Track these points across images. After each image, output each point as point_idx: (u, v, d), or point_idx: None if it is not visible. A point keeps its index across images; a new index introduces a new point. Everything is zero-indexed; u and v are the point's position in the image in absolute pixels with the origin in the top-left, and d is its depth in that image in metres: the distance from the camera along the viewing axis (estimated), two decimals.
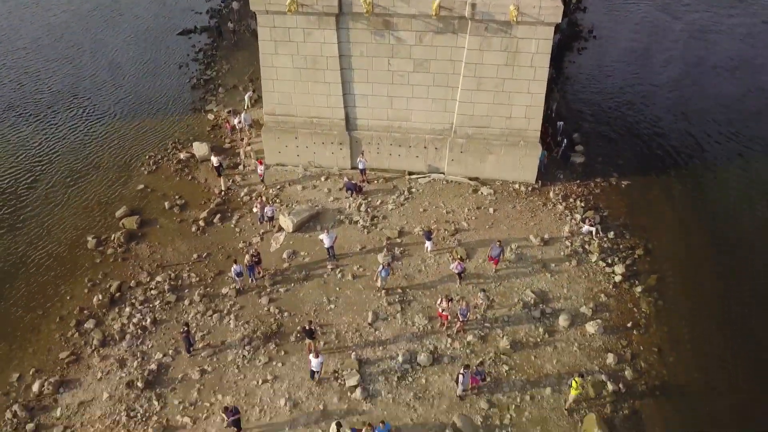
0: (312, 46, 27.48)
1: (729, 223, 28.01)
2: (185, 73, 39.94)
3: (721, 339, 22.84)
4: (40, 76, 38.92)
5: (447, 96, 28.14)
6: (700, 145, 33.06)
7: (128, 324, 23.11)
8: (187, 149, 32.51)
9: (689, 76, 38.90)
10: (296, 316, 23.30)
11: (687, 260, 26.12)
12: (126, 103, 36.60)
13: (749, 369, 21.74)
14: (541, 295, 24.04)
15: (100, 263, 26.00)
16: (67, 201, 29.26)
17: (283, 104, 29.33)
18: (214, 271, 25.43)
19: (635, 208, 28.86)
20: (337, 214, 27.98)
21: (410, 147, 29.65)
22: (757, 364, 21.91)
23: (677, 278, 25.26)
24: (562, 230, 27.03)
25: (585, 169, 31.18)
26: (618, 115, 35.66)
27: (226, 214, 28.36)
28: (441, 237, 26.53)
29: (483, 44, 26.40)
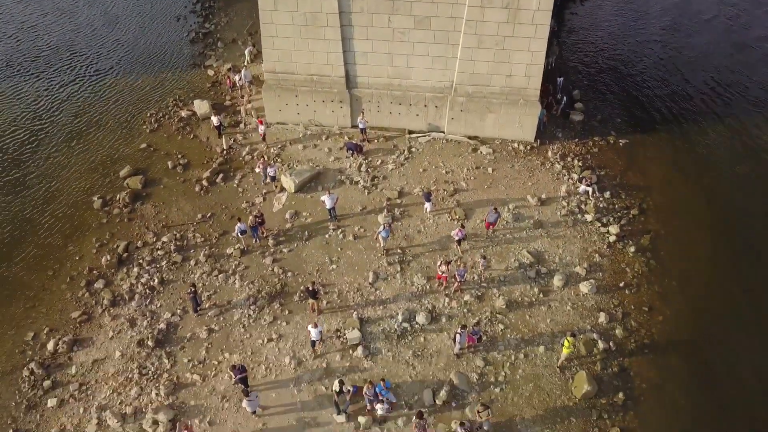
0: (312, 3, 27.17)
1: (723, 182, 28.31)
2: (183, 26, 39.47)
3: (711, 297, 23.54)
4: (37, 32, 38.42)
5: (447, 54, 28.01)
6: (697, 101, 33.05)
7: (136, 284, 23.87)
8: (188, 107, 32.57)
9: (686, 31, 38.33)
10: (299, 276, 24.03)
11: (680, 220, 26.61)
12: (125, 58, 36.34)
13: (737, 326, 22.55)
14: (536, 255, 24.69)
15: (107, 223, 26.57)
16: (71, 161, 29.55)
17: (284, 62, 29.22)
18: (219, 231, 26.02)
19: (632, 168, 29.17)
20: (338, 175, 28.33)
21: (410, 105, 29.71)
22: (744, 321, 22.70)
23: (670, 238, 25.82)
24: (560, 190, 27.46)
25: (583, 127, 31.32)
26: (617, 70, 35.48)
27: (229, 174, 28.73)
28: (440, 198, 26.98)
29: (484, 1, 26.09)
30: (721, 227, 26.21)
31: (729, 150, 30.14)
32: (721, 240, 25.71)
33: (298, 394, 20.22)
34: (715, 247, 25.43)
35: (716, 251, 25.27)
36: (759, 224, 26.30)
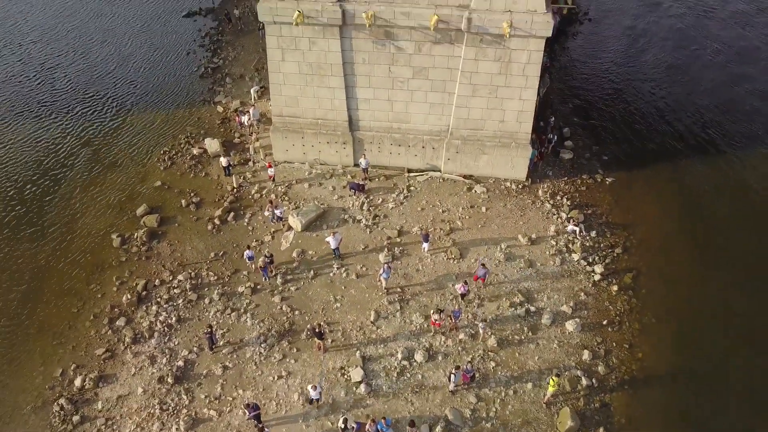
0: (317, 54, 29.05)
1: (705, 220, 30.09)
2: (193, 60, 41.34)
3: (690, 334, 25.38)
4: (55, 73, 40.08)
5: (444, 101, 29.89)
6: (684, 140, 34.81)
7: (155, 322, 25.76)
8: (199, 144, 34.45)
9: (681, 66, 40.21)
10: (306, 314, 25.92)
11: (662, 257, 28.47)
12: (138, 96, 38.19)
13: (715, 362, 24.36)
14: (526, 294, 26.58)
15: (126, 261, 28.45)
16: (90, 200, 31.38)
17: (290, 106, 31.10)
18: (231, 269, 27.89)
19: (617, 206, 31.03)
20: (341, 213, 30.22)
21: (409, 146, 31.58)
22: (722, 358, 24.52)
23: (651, 276, 27.69)
24: (549, 229, 29.33)
25: (573, 165, 33.17)
26: (607, 106, 37.33)
27: (239, 212, 30.60)
28: (437, 237, 28.85)
29: (478, 54, 27.97)
30: (702, 265, 28.05)
31: (712, 188, 31.86)
32: (701, 278, 27.54)
33: (307, 429, 22.11)
34: (695, 285, 27.26)
35: (696, 289, 27.11)
36: (739, 263, 28.05)
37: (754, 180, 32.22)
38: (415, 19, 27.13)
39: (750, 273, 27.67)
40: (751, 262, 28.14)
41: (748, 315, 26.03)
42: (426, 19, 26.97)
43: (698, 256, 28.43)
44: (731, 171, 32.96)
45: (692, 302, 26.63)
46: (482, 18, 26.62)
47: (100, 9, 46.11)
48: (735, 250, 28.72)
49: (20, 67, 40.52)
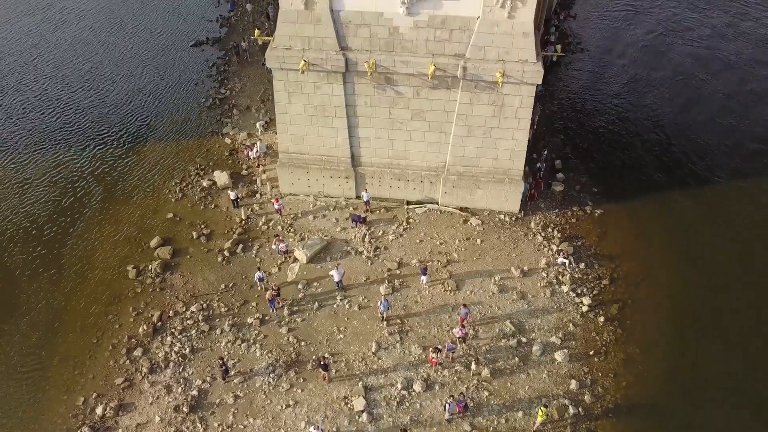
0: (321, 97, 30.83)
1: (690, 251, 31.81)
2: (201, 91, 43.01)
3: (672, 364, 27.16)
4: (70, 109, 41.41)
5: (441, 140, 31.66)
6: (671, 172, 36.41)
7: (170, 352, 27.51)
8: (209, 176, 36.16)
9: (673, 98, 41.67)
10: (311, 345, 27.67)
11: (647, 288, 30.24)
12: (150, 128, 39.79)
13: (697, 391, 26.12)
14: (518, 325, 28.33)
15: (141, 293, 30.20)
16: (106, 234, 32.95)
17: (296, 144, 32.87)
18: (240, 301, 29.65)
19: (605, 237, 32.77)
20: (344, 245, 31.97)
21: (408, 181, 33.33)
22: (704, 387, 26.26)
23: (636, 307, 29.46)
24: (540, 262, 31.08)
25: (564, 197, 34.86)
26: (598, 137, 39.00)
27: (248, 244, 32.33)
28: (435, 269, 30.59)
29: (473, 99, 29.76)
30: (685, 297, 29.79)
31: (697, 220, 33.48)
32: (684, 308, 29.31)
33: None
34: (678, 315, 29.05)
35: (679, 319, 28.90)
36: (722, 296, 29.77)
37: (738, 213, 33.86)
38: (414, 67, 28.91)
39: (732, 306, 29.42)
40: (735, 294, 29.90)
41: (729, 348, 27.79)
42: (424, 68, 28.75)
43: (681, 288, 30.18)
44: (716, 204, 34.58)
45: (675, 333, 28.40)
46: (477, 67, 28.40)
47: (112, 42, 47.54)
48: (718, 283, 30.45)
49: (37, 102, 42.02)
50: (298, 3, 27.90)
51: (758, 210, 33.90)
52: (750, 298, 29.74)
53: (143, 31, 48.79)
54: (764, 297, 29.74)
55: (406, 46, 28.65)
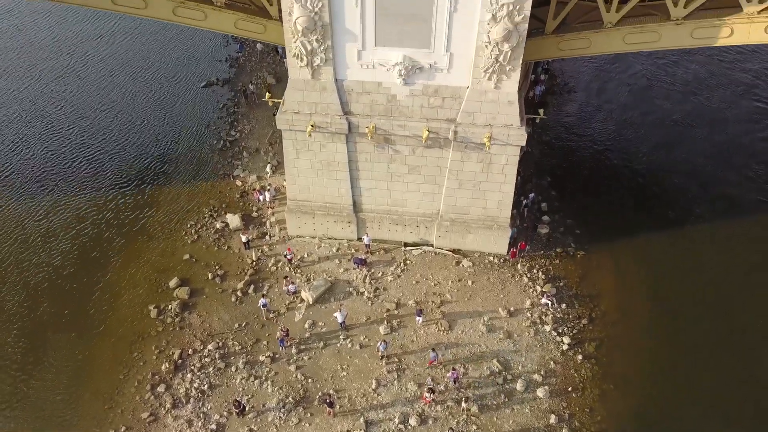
0: (326, 154, 33.90)
1: (664, 292, 34.62)
2: (213, 133, 45.96)
3: (643, 401, 30.18)
4: (94, 156, 43.88)
5: (434, 191, 34.74)
6: (651, 214, 39.00)
7: (191, 388, 30.58)
8: (221, 218, 39.20)
9: (658, 143, 44.19)
10: (317, 381, 30.75)
11: (623, 327, 33.26)
12: (166, 171, 42.54)
13: (669, 426, 29.17)
14: (504, 363, 31.40)
15: (163, 331, 33.26)
16: (129, 276, 35.77)
17: (303, 193, 35.93)
18: (252, 339, 32.72)
19: (586, 278, 35.81)
20: (347, 286, 35.04)
21: (405, 225, 36.39)
22: (671, 424, 29.28)
23: (612, 346, 32.49)
24: (525, 302, 34.12)
25: (548, 239, 37.90)
26: (583, 178, 41.80)
27: (258, 285, 35.37)
28: (429, 309, 33.67)
29: (463, 157, 32.83)
30: (658, 336, 32.74)
31: (672, 261, 36.35)
32: (656, 347, 32.26)
33: None
34: (650, 354, 32.04)
35: (652, 358, 31.89)
36: (692, 335, 32.56)
37: (711, 257, 36.41)
38: (410, 130, 32.00)
39: (703, 346, 32.24)
40: (706, 335, 32.71)
41: (699, 385, 30.74)
42: (419, 131, 31.84)
43: (654, 328, 33.19)
44: (691, 247, 37.13)
45: (647, 371, 31.44)
46: (466, 130, 31.49)
47: (123, 82, 50.04)
48: (690, 323, 33.30)
49: (56, 144, 44.87)
50: (305, 73, 30.97)
51: (729, 255, 36.43)
52: (720, 339, 32.58)
53: (157, 72, 51.57)
54: (734, 338, 32.66)
55: (403, 111, 31.74)
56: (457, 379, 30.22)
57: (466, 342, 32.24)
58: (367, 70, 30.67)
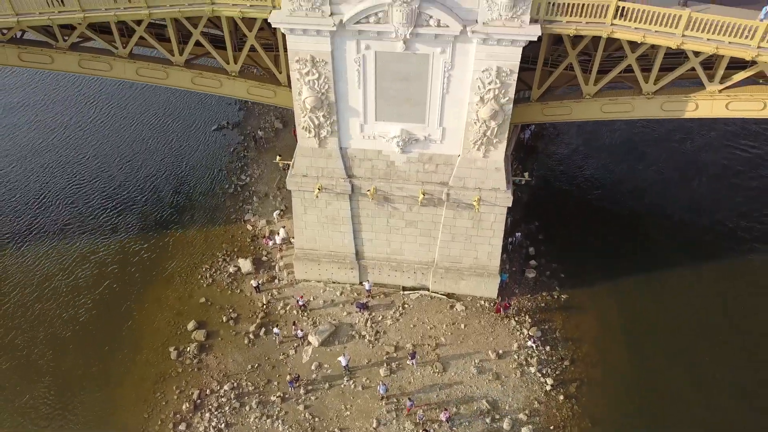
0: (331, 210, 37.23)
1: (640, 336, 37.74)
2: (224, 177, 49.27)
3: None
4: (112, 202, 46.90)
5: (430, 243, 38.07)
6: (629, 259, 42.14)
7: (209, 427, 33.88)
8: (234, 262, 42.51)
9: (636, 191, 47.16)
10: (323, 420, 34.04)
11: (601, 369, 36.47)
12: (181, 215, 45.59)
13: None
14: (492, 403, 34.68)
15: (182, 372, 36.56)
16: (149, 319, 39.12)
17: (310, 243, 39.27)
18: (264, 380, 36.01)
19: (569, 321, 39.05)
20: (349, 329, 38.33)
21: (403, 271, 39.71)
22: None
23: (591, 386, 35.71)
24: (512, 345, 37.40)
25: (535, 283, 41.19)
26: (568, 223, 44.93)
27: (269, 327, 38.61)
28: (425, 352, 36.94)
29: (455, 215, 36.15)
30: (636, 377, 35.79)
31: (649, 305, 39.49)
32: (634, 387, 35.37)
33: None
34: (628, 394, 35.15)
35: (629, 398, 35.01)
36: (667, 377, 35.60)
37: (685, 302, 39.42)
38: (407, 192, 35.34)
39: (677, 386, 35.32)
40: (679, 376, 35.77)
41: (673, 425, 33.86)
42: (415, 192, 35.19)
43: (630, 370, 36.38)
44: (666, 291, 40.11)
45: (623, 411, 34.62)
46: (458, 193, 34.83)
47: (146, 133, 53.03)
48: (664, 365, 36.37)
49: (73, 188, 47.94)
50: (313, 143, 34.32)
51: (702, 300, 39.50)
52: (694, 380, 35.66)
53: (172, 119, 54.77)
54: (707, 379, 35.67)
55: (401, 175, 35.07)
56: (450, 418, 33.47)
57: (459, 383, 35.52)
58: (368, 140, 34.02)
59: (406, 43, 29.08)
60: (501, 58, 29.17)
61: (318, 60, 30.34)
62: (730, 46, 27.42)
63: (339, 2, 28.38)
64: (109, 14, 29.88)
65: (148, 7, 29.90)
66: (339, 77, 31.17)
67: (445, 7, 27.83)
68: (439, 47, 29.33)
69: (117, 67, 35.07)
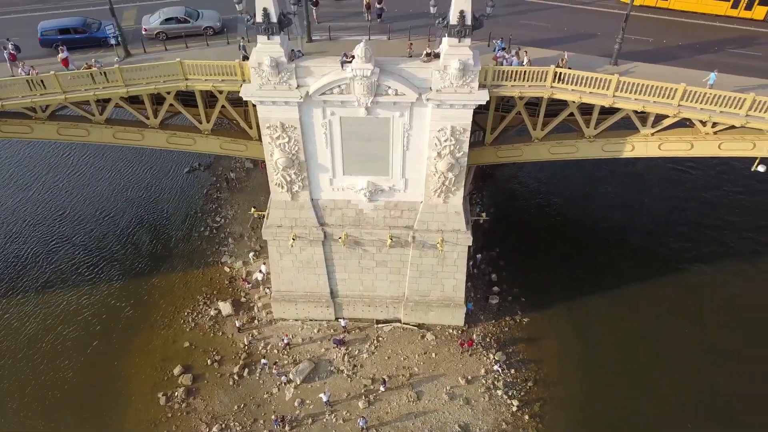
0: (306, 255, 39.74)
1: (597, 356, 41.12)
2: (200, 219, 51.17)
3: None
4: (92, 257, 47.91)
5: (400, 279, 40.89)
6: (584, 282, 45.67)
7: None
8: (214, 305, 44.60)
9: (598, 212, 50.83)
10: None
11: (562, 388, 39.76)
12: (161, 263, 47.30)
13: None
14: (465, 427, 37.66)
15: (172, 417, 38.56)
16: (136, 366, 40.94)
17: (286, 285, 41.67)
18: (251, 419, 38.28)
19: (531, 343, 42.28)
20: (328, 365, 40.86)
21: (376, 306, 42.44)
22: None
23: (554, 405, 38.95)
24: (480, 370, 40.44)
25: (499, 308, 44.34)
26: (527, 250, 48.21)
27: (252, 367, 40.90)
28: (400, 383, 39.70)
29: (421, 254, 39.05)
30: (594, 393, 39.18)
31: (604, 327, 42.74)
32: (593, 403, 38.70)
33: None
34: (588, 410, 38.47)
35: (589, 413, 38.33)
36: (623, 392, 38.92)
37: (639, 325, 42.77)
38: (376, 236, 38.12)
39: (634, 402, 38.60)
40: (636, 392, 39.02)
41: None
42: (383, 236, 37.98)
43: (589, 387, 39.75)
44: (618, 314, 43.58)
45: (585, 426, 37.93)
46: (423, 235, 37.74)
47: (115, 182, 54.25)
48: (621, 382, 39.68)
49: (53, 246, 48.83)
50: (286, 196, 36.81)
51: (658, 319, 42.87)
52: (650, 395, 38.89)
53: (144, 163, 55.83)
54: (664, 394, 38.94)
55: (369, 221, 37.80)
56: None
57: (432, 410, 38.39)
58: (338, 192, 36.65)
59: (368, 110, 31.82)
60: (454, 119, 32.16)
61: (288, 126, 32.86)
62: (654, 104, 30.92)
63: (304, 76, 30.96)
64: (89, 94, 31.86)
65: (126, 86, 31.98)
66: (308, 139, 33.74)
67: (402, 78, 30.67)
68: (398, 111, 32.17)
69: (94, 133, 36.92)
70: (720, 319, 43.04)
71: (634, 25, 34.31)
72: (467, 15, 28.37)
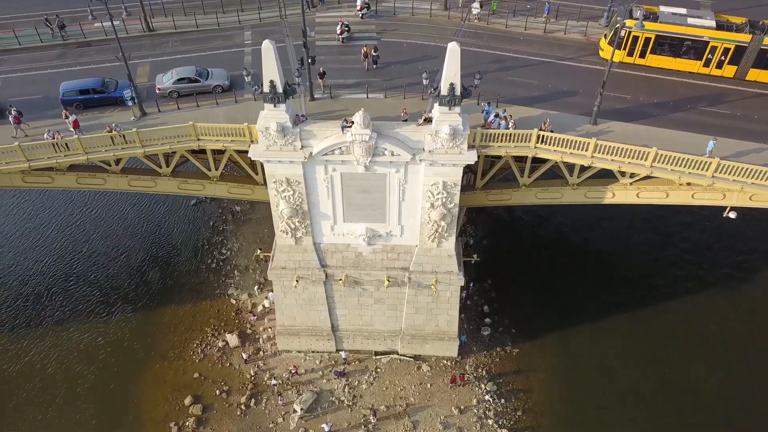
0: (308, 294, 42.40)
1: (583, 386, 43.71)
2: (206, 251, 53.77)
3: None
4: (103, 292, 50.05)
5: (397, 315, 43.56)
6: (569, 313, 48.26)
7: None
8: (222, 337, 47.20)
9: (586, 239, 53.62)
10: None
11: (550, 417, 42.42)
12: (170, 295, 49.72)
13: None
14: None
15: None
16: (148, 396, 43.60)
17: (290, 320, 44.33)
18: None
19: (520, 374, 44.92)
20: (330, 395, 43.49)
21: (375, 339, 45.10)
22: None
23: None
24: (472, 400, 43.09)
25: (490, 339, 46.99)
26: (517, 282, 50.83)
27: (258, 398, 43.54)
28: (397, 412, 42.33)
29: (417, 293, 41.72)
30: (580, 422, 41.81)
31: (591, 357, 45.37)
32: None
33: None
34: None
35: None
36: (609, 423, 41.84)
37: (625, 353, 45.37)
38: (374, 277, 40.79)
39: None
40: (622, 422, 41.72)
41: None
42: (381, 277, 40.66)
43: (574, 416, 42.39)
44: (605, 344, 46.17)
45: None
46: (418, 276, 40.42)
47: (126, 218, 56.30)
48: (607, 413, 42.30)
49: (69, 284, 50.85)
50: (290, 241, 39.49)
51: (643, 348, 45.54)
52: (636, 423, 41.73)
53: (153, 197, 58.39)
54: (651, 426, 41.42)
55: (368, 263, 40.47)
56: None
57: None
58: (338, 237, 39.33)
59: (366, 167, 34.51)
60: (446, 175, 34.88)
61: (292, 180, 35.55)
62: (629, 165, 33.63)
63: (308, 138, 33.68)
64: (109, 155, 34.55)
65: (143, 147, 34.64)
66: (311, 192, 36.43)
67: (397, 141, 33.39)
68: (394, 168, 34.88)
69: (111, 182, 39.54)
70: (709, 355, 45.14)
71: (613, 82, 36.94)
72: (457, 87, 31.05)
